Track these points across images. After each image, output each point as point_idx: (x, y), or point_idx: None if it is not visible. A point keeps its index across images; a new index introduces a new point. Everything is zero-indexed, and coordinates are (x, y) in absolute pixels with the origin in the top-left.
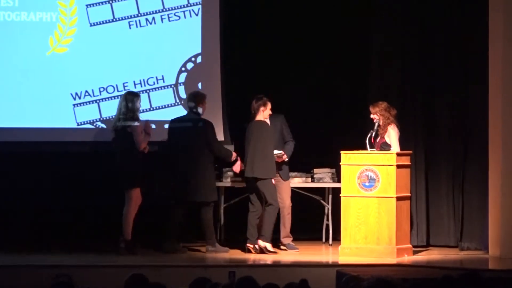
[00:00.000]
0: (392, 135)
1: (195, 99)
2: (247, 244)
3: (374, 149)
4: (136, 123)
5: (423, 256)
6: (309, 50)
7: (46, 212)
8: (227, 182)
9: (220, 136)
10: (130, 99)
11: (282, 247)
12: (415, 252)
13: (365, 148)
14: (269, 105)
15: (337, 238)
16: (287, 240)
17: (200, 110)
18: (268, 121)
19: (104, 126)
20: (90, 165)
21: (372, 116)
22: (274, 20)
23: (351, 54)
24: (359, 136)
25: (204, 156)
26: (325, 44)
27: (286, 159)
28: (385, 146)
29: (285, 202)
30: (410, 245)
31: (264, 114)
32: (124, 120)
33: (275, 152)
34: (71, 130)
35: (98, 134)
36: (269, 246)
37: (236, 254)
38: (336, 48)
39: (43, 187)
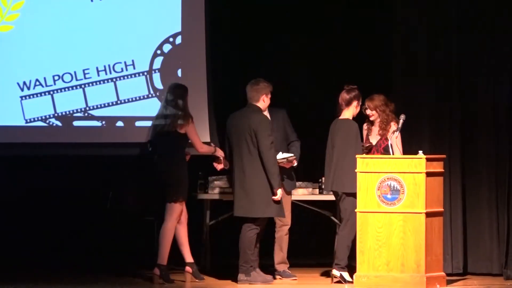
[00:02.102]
0: (395, 135)
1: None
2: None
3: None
4: (191, 123)
5: (459, 287)
6: (317, 33)
7: None
8: (213, 194)
9: (206, 135)
10: (179, 94)
11: (276, 275)
12: (449, 282)
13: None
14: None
15: (351, 264)
16: (282, 266)
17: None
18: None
19: (59, 123)
20: (44, 173)
21: (369, 112)
22: None
23: (368, 41)
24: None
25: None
26: (335, 30)
27: (295, 165)
28: (389, 150)
29: (285, 220)
30: (443, 273)
31: (355, 111)
32: (173, 120)
33: (285, 155)
34: (18, 129)
35: (53, 133)
36: (346, 274)
37: (225, 284)
38: (350, 35)
39: None
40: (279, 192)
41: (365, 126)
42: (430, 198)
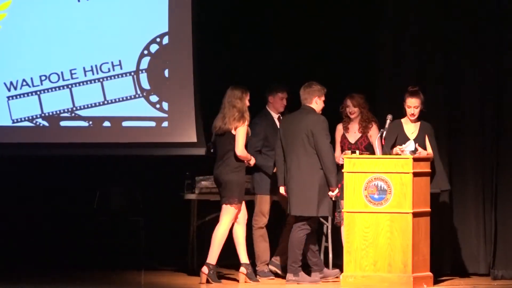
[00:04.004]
0: (375, 135)
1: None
2: None
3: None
4: (245, 124)
5: (446, 287)
6: (306, 32)
7: None
8: (200, 194)
9: (192, 135)
10: (237, 95)
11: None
12: (436, 282)
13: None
14: (409, 101)
15: (338, 263)
16: (265, 266)
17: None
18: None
19: (46, 124)
20: (30, 173)
21: (351, 109)
22: None
23: (355, 41)
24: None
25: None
26: (326, 29)
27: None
28: (371, 149)
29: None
30: (430, 273)
31: (406, 111)
32: (228, 121)
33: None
34: (5, 129)
35: (40, 134)
36: None
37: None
38: (338, 37)
39: None
40: (336, 191)
41: (339, 126)
42: (417, 198)
